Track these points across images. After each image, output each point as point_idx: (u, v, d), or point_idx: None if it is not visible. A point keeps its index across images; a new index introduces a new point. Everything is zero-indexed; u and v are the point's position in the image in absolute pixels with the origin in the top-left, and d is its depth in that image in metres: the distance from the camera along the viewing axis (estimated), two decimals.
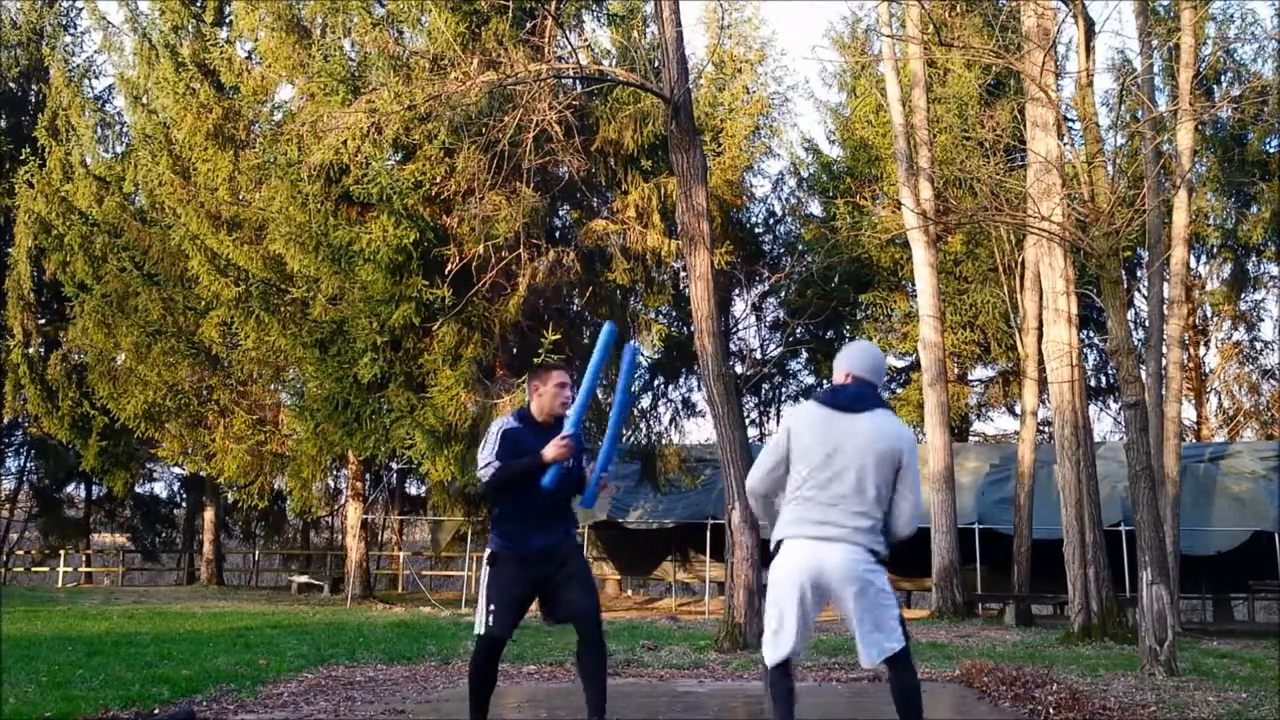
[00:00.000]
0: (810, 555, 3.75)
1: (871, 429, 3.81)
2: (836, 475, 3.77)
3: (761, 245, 27.33)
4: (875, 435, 3.80)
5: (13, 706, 5.41)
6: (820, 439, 3.80)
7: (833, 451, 3.77)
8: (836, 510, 3.76)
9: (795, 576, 3.78)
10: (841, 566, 3.72)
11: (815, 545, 3.75)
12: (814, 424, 3.85)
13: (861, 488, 3.75)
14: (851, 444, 3.78)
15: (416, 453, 15.44)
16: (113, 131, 23.22)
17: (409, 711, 5.66)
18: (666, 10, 9.97)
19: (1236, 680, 7.65)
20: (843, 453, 3.77)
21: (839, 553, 3.73)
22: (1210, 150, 23.11)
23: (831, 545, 3.73)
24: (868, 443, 3.78)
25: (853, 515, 3.75)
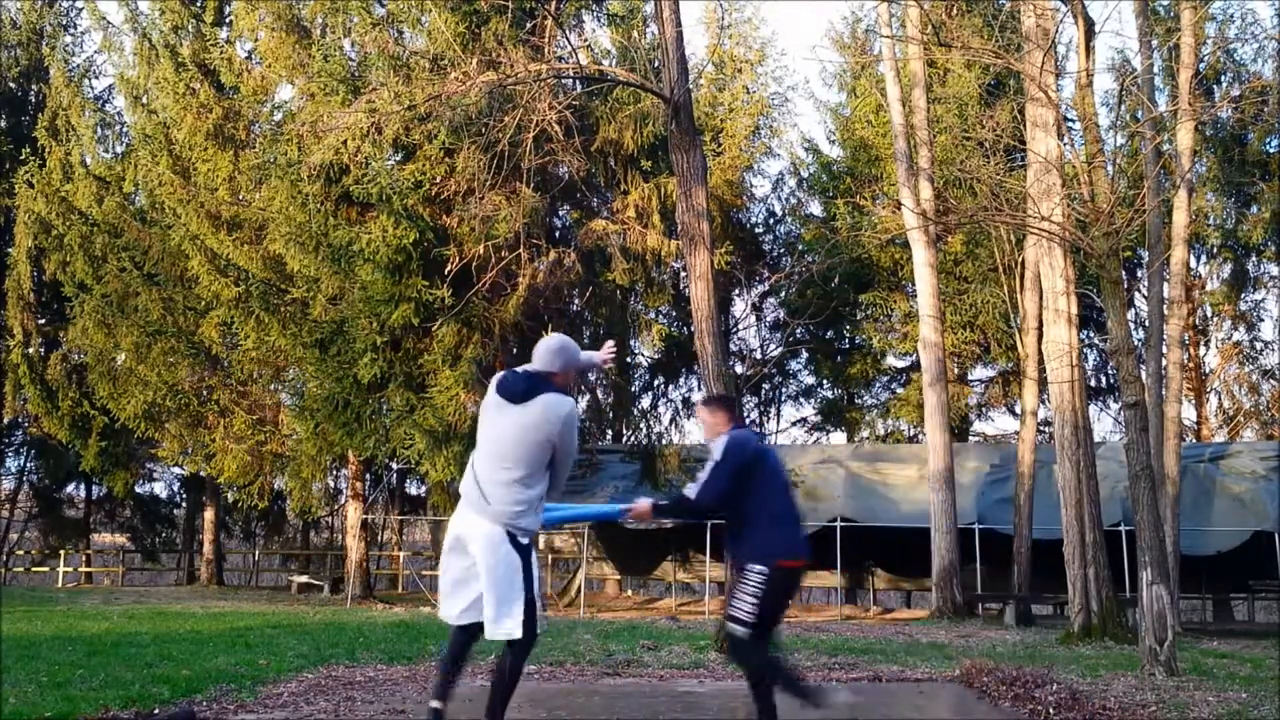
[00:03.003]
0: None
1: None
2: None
3: (761, 245, 27.35)
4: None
5: (13, 706, 5.41)
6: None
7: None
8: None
9: None
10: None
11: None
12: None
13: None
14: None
15: (416, 453, 15.45)
16: (113, 131, 23.22)
17: (409, 711, 5.66)
18: (666, 10, 9.97)
19: (1236, 680, 7.65)
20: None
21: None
22: (1210, 150, 23.11)
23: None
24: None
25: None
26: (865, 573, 22.30)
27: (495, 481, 4.20)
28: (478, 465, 4.28)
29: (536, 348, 4.46)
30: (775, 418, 29.38)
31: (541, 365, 4.37)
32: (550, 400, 4.27)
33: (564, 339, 4.53)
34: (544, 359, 4.40)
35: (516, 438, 4.20)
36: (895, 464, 19.92)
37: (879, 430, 26.24)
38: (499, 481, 4.19)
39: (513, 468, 4.19)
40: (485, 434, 4.31)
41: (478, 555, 4.18)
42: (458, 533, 4.27)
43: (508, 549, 4.16)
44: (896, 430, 26.10)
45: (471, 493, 4.25)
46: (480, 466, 4.26)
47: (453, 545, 4.30)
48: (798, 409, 29.04)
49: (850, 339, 26.53)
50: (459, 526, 4.27)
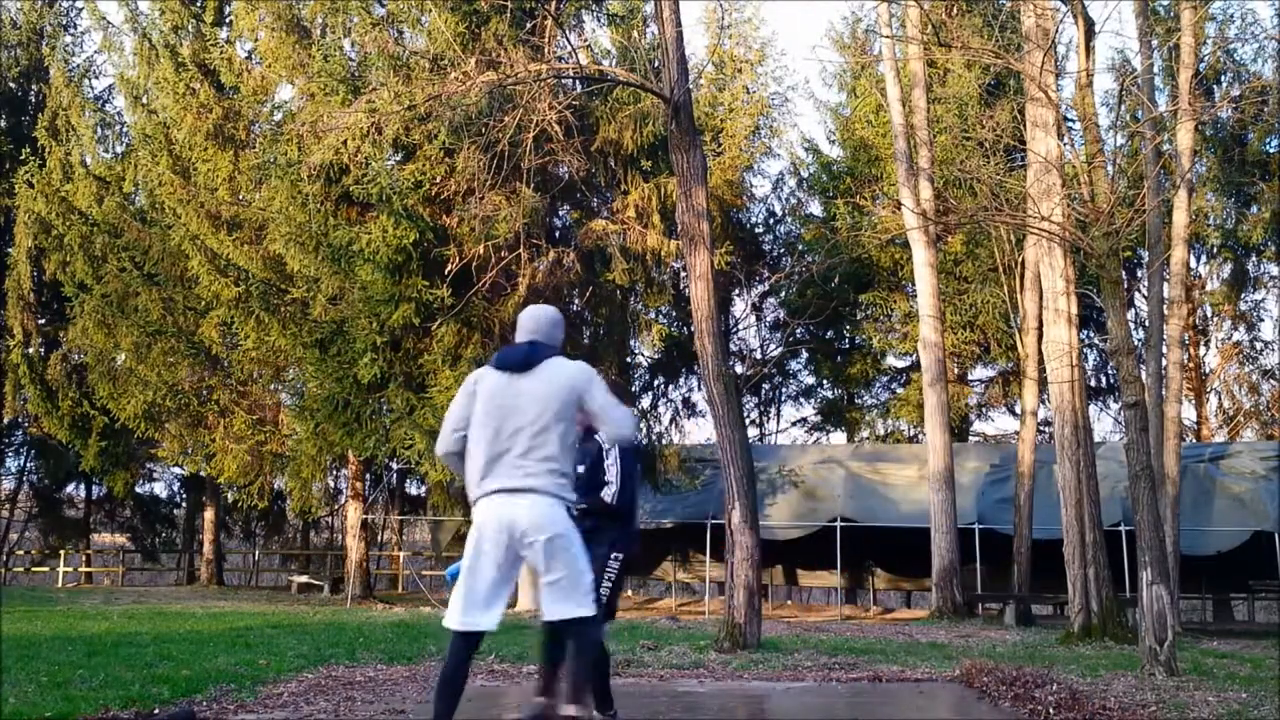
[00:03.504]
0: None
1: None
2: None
3: (761, 245, 27.34)
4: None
5: (13, 706, 5.41)
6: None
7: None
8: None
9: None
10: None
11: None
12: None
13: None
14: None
15: (416, 453, 15.44)
16: (113, 131, 23.23)
17: (409, 711, 5.66)
18: (666, 10, 9.96)
19: (1236, 680, 7.65)
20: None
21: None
22: (1210, 150, 23.11)
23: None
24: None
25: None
26: (865, 573, 22.32)
27: (528, 453, 3.90)
28: (495, 445, 3.93)
29: (532, 318, 4.22)
30: (775, 418, 29.40)
31: (540, 336, 4.16)
32: (562, 361, 4.09)
33: (558, 312, 4.34)
34: (545, 330, 4.18)
35: (540, 407, 3.94)
36: (895, 464, 19.93)
37: (879, 430, 26.24)
38: (533, 453, 3.90)
39: (544, 437, 3.92)
40: (498, 411, 3.96)
41: (529, 540, 3.83)
42: (492, 525, 3.87)
43: (566, 522, 3.91)
44: (896, 430, 26.10)
45: (500, 477, 3.90)
46: (501, 444, 3.92)
47: (487, 541, 3.89)
48: (798, 409, 29.06)
49: (850, 339, 26.53)
50: (492, 519, 3.88)
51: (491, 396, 3.99)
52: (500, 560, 3.87)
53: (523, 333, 4.19)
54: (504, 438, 3.92)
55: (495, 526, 3.86)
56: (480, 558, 3.88)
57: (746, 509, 9.53)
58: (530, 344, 4.13)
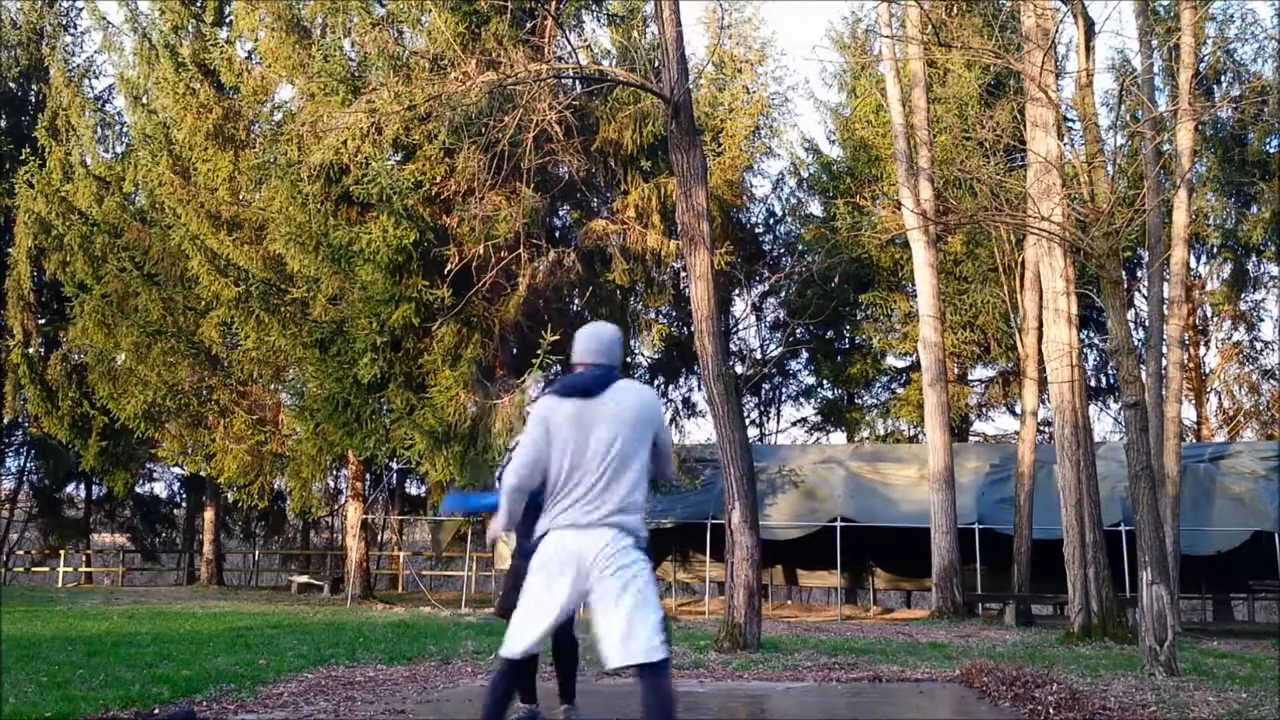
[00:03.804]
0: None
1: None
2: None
3: (761, 245, 27.35)
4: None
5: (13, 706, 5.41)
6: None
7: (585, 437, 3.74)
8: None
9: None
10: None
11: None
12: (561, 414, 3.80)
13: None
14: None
15: (416, 453, 15.44)
16: (113, 131, 23.24)
17: (409, 711, 5.66)
18: (666, 10, 9.97)
19: (1236, 680, 7.65)
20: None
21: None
22: (1210, 150, 23.12)
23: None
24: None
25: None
26: (865, 573, 22.32)
27: (602, 488, 3.66)
28: (571, 478, 3.70)
29: (595, 338, 3.92)
30: (775, 418, 29.41)
31: (605, 359, 3.88)
32: (632, 385, 3.87)
33: (618, 329, 4.10)
34: (610, 351, 3.90)
35: (612, 434, 3.70)
36: (895, 464, 19.93)
37: (879, 430, 26.25)
38: (607, 487, 3.67)
39: (618, 468, 3.70)
40: (569, 440, 3.71)
41: (596, 573, 3.59)
42: (559, 560, 3.64)
43: (639, 558, 3.65)
44: (896, 430, 26.11)
45: (573, 511, 3.67)
46: (575, 477, 3.69)
47: (554, 577, 3.66)
48: (798, 409, 29.08)
49: (850, 339, 26.54)
50: (560, 554, 3.64)
51: (572, 424, 3.73)
52: (564, 599, 3.66)
53: (586, 354, 3.88)
54: (578, 469, 3.69)
55: (562, 561, 3.64)
56: (545, 593, 3.67)
57: (746, 509, 9.53)
58: (597, 367, 3.85)
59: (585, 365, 3.87)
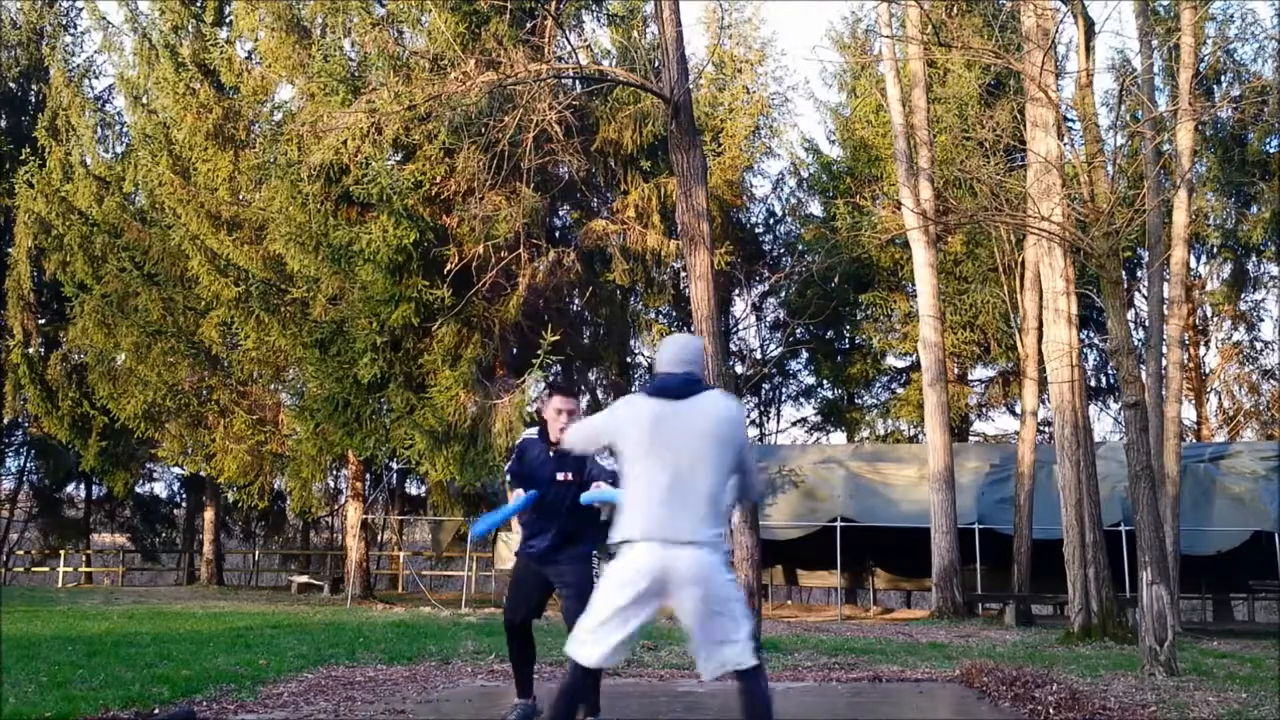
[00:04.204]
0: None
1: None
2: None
3: (761, 245, 27.35)
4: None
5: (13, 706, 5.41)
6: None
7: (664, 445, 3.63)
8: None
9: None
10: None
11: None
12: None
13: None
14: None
15: (416, 453, 15.44)
16: (113, 131, 23.23)
17: (409, 711, 5.66)
18: (666, 10, 9.96)
19: (1236, 680, 7.65)
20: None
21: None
22: (1210, 150, 23.12)
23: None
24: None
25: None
26: (865, 573, 22.31)
27: (688, 498, 3.53)
28: (653, 483, 3.56)
29: (682, 347, 3.82)
30: (775, 418, 29.40)
31: (695, 369, 3.77)
32: (719, 395, 3.74)
33: (701, 340, 4.10)
34: (697, 361, 3.80)
35: (699, 444, 3.58)
36: (895, 464, 19.93)
37: (879, 430, 26.25)
38: (693, 497, 3.54)
39: (704, 478, 3.56)
40: (651, 442, 3.59)
41: (682, 594, 3.50)
42: (645, 574, 3.51)
43: (724, 573, 3.56)
44: (896, 430, 26.11)
45: (662, 524, 3.52)
46: (658, 484, 3.55)
47: (637, 589, 3.52)
48: (798, 409, 29.08)
49: (850, 339, 26.54)
50: (646, 568, 3.50)
51: (653, 425, 3.60)
52: (645, 610, 3.57)
53: (673, 364, 3.76)
54: (666, 476, 3.55)
55: (649, 575, 3.51)
56: (625, 604, 3.54)
57: (746, 509, 9.53)
58: (687, 374, 3.73)
59: (670, 373, 3.76)
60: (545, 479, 4.91)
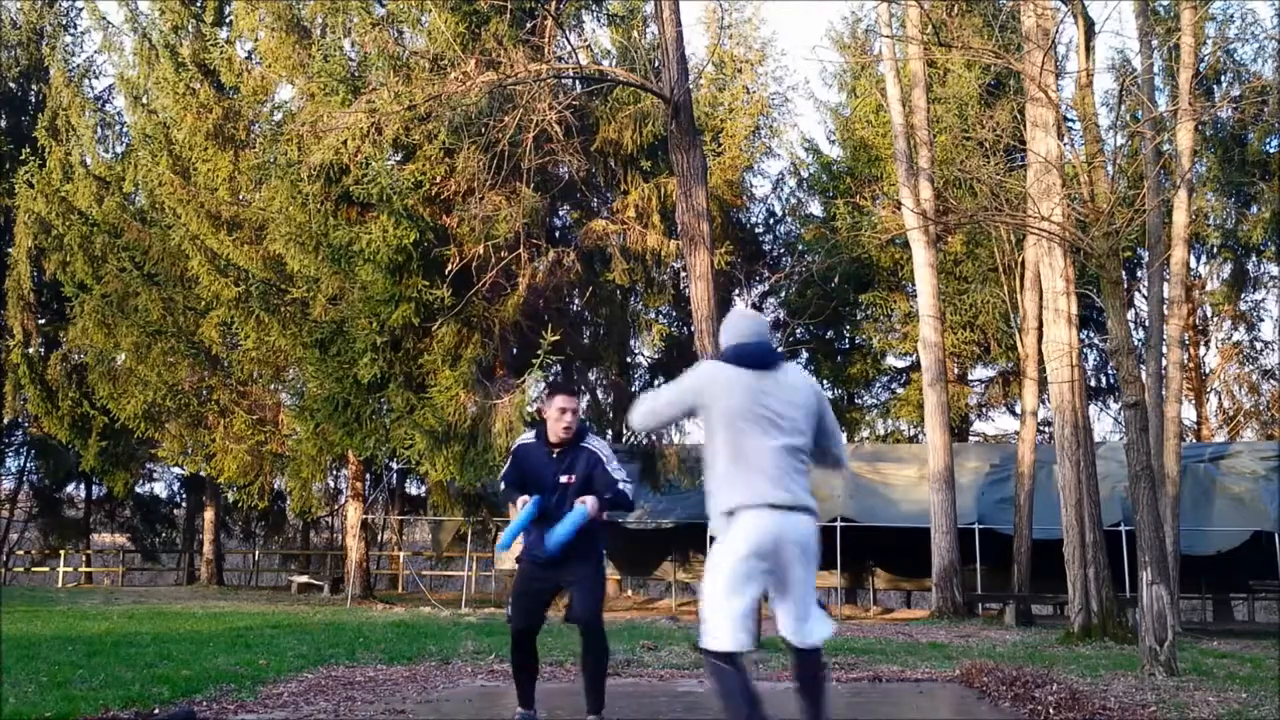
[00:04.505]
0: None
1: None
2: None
3: (761, 245, 27.34)
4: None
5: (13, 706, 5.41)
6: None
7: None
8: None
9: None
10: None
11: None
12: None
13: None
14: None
15: (416, 453, 15.45)
16: (113, 131, 23.23)
17: (409, 711, 5.66)
18: (666, 10, 9.97)
19: (1236, 680, 7.65)
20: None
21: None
22: (1210, 150, 23.12)
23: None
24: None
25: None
26: (865, 573, 22.31)
27: (789, 463, 3.51)
28: (755, 451, 3.49)
29: (754, 320, 3.82)
30: None
31: (766, 339, 3.78)
32: (798, 367, 3.79)
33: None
34: (766, 332, 3.82)
35: (795, 413, 3.57)
36: (895, 464, 19.93)
37: (879, 430, 26.25)
38: (793, 462, 3.52)
39: (800, 444, 3.55)
40: (754, 412, 3.51)
41: (789, 558, 3.47)
42: (766, 543, 3.46)
43: (817, 540, 3.57)
44: (896, 430, 26.11)
45: (772, 489, 3.48)
46: (759, 451, 3.49)
47: (759, 559, 3.47)
48: None
49: (850, 339, 26.54)
50: (767, 537, 3.46)
51: (750, 393, 3.55)
52: (762, 580, 3.53)
53: (751, 334, 3.73)
54: (765, 443, 3.51)
55: (769, 544, 3.46)
56: (748, 576, 3.49)
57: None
58: (768, 344, 3.74)
59: (754, 343, 3.71)
60: (548, 482, 4.79)
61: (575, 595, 4.83)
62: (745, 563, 3.48)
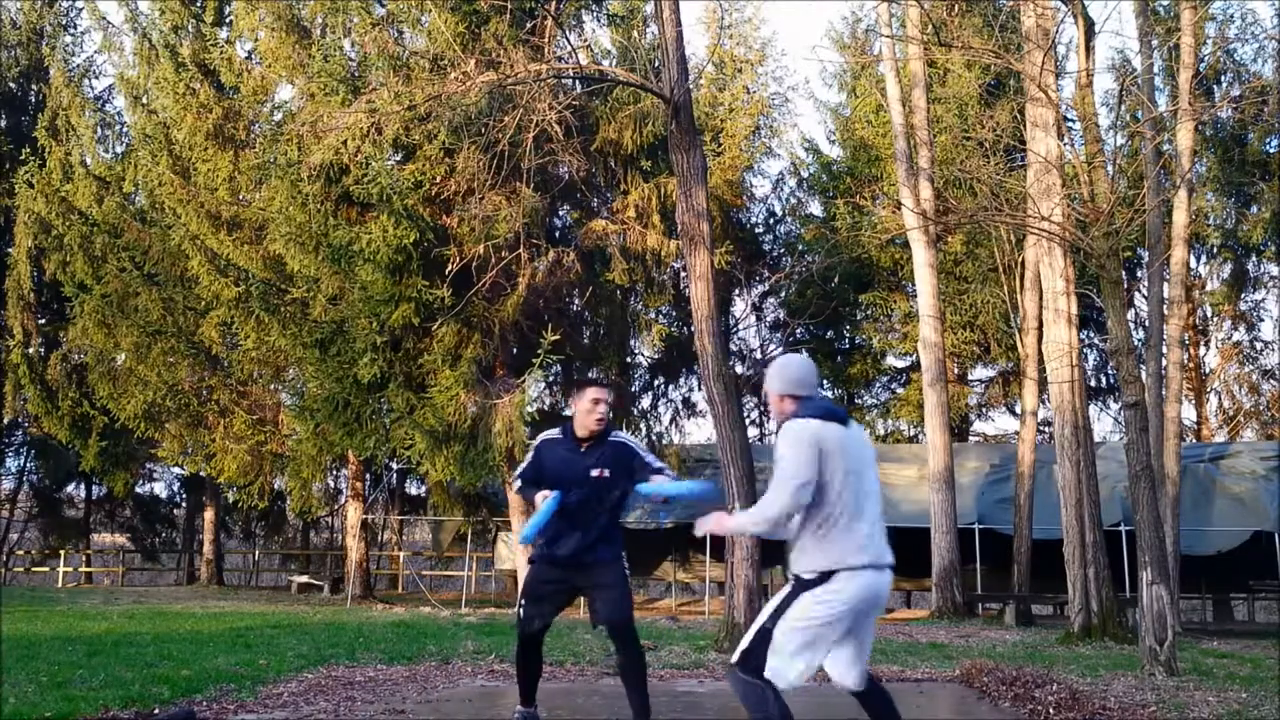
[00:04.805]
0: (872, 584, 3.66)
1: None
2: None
3: (761, 245, 27.34)
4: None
5: (13, 706, 5.41)
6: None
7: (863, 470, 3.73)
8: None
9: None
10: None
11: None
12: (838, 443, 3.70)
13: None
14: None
15: (416, 453, 15.44)
16: (113, 131, 23.21)
17: (409, 711, 5.66)
18: (666, 10, 9.96)
19: (1236, 680, 7.65)
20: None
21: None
22: (1210, 150, 23.11)
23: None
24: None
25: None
26: None
27: (878, 523, 3.72)
28: (858, 509, 3.63)
29: (808, 369, 3.88)
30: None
31: (817, 391, 3.87)
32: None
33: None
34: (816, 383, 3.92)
35: (872, 470, 3.76)
36: (895, 464, 19.93)
37: (879, 430, 26.25)
38: (882, 524, 3.74)
39: (879, 501, 3.77)
40: (855, 471, 3.64)
41: (875, 612, 3.73)
42: (866, 603, 3.65)
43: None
44: (896, 430, 26.11)
45: (874, 550, 3.63)
46: (861, 510, 3.63)
47: (855, 616, 3.64)
48: None
49: (850, 339, 26.54)
50: (869, 597, 3.64)
51: (847, 452, 3.63)
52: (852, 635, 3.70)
53: (808, 386, 3.80)
54: (863, 502, 3.64)
55: (869, 604, 3.66)
56: (843, 629, 3.64)
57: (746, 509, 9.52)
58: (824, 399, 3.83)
59: (822, 397, 3.83)
60: (579, 477, 4.68)
61: (601, 600, 4.73)
62: (844, 621, 3.64)
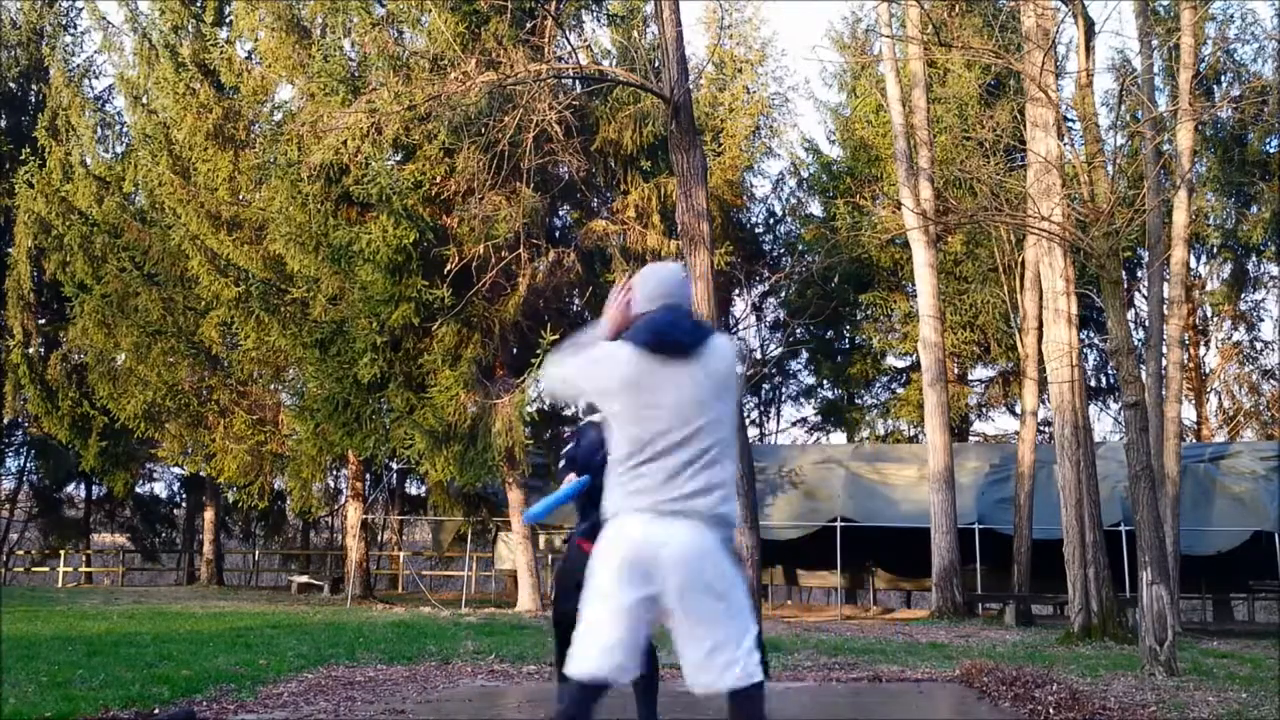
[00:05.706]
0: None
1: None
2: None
3: (761, 245, 27.36)
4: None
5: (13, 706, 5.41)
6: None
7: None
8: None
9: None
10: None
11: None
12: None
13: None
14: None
15: (416, 453, 15.45)
16: (113, 131, 23.21)
17: (409, 711, 5.66)
18: (666, 10, 9.96)
19: (1236, 680, 7.65)
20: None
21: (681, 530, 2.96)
22: (1210, 150, 23.12)
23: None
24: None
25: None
26: (865, 573, 22.32)
27: (691, 469, 2.97)
28: (648, 454, 2.98)
29: (668, 278, 3.23)
30: (775, 418, 29.41)
31: (685, 301, 3.23)
32: (724, 342, 3.18)
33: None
34: (688, 293, 3.28)
35: (707, 403, 3.03)
36: (895, 464, 19.92)
37: (879, 430, 26.25)
38: (696, 467, 2.98)
39: (709, 444, 3.02)
40: (655, 407, 3.00)
41: (675, 579, 2.89)
42: (632, 556, 2.92)
43: (724, 559, 2.98)
44: (896, 430, 26.11)
45: (652, 493, 2.95)
46: (657, 454, 2.98)
47: (624, 576, 2.93)
48: (798, 409, 29.08)
49: (850, 339, 26.54)
50: (633, 548, 2.93)
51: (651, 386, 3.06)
52: (633, 607, 3.00)
53: (663, 299, 3.18)
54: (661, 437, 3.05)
55: (631, 558, 3.01)
56: (611, 598, 3.04)
57: (746, 509, 9.52)
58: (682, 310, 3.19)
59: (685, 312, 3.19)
60: (603, 463, 4.61)
61: None
62: (614, 579, 3.05)
